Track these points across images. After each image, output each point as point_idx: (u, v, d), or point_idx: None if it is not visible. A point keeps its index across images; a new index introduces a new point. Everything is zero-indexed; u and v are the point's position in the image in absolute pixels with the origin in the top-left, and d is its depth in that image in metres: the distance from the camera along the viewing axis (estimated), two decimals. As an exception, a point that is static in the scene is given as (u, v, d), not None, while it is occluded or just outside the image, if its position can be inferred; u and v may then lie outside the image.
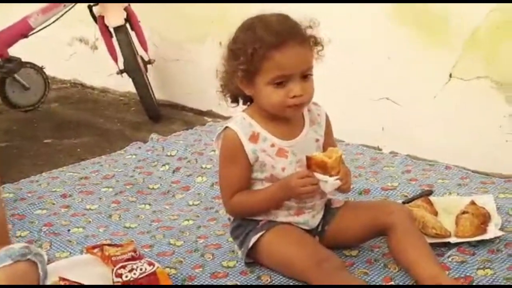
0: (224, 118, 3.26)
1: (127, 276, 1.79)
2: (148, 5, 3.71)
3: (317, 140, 1.92)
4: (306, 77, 1.79)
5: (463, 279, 1.79)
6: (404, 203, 2.18)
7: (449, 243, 1.95)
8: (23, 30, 3.59)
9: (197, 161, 2.76)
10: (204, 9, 3.48)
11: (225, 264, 1.96)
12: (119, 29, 3.49)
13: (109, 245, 1.95)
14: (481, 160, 2.61)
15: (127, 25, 3.53)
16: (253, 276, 1.88)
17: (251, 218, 1.91)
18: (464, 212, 2.03)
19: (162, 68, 3.82)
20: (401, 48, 2.81)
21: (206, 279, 1.89)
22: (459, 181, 2.43)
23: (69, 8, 3.62)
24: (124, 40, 3.51)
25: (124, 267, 1.81)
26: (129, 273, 1.79)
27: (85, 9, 3.58)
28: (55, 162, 3.03)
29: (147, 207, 2.43)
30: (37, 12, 3.59)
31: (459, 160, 2.63)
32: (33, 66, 3.73)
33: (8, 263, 1.55)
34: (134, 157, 2.91)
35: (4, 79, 3.64)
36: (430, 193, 2.28)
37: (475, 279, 1.79)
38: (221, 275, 1.91)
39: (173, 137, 3.09)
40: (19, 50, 3.65)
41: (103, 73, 4.07)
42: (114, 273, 1.80)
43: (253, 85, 1.81)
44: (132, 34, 3.57)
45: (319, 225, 1.95)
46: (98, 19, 3.56)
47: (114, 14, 3.48)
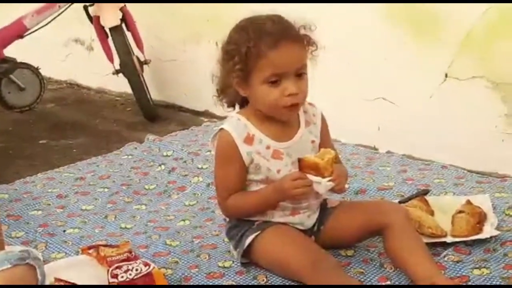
0: (220, 119, 3.25)
1: (122, 277, 1.79)
2: (144, 5, 3.70)
3: (312, 142, 1.91)
4: (300, 75, 1.78)
5: (459, 278, 1.79)
6: (400, 202, 2.18)
7: (445, 243, 1.95)
8: (18, 31, 3.58)
9: (193, 162, 2.76)
10: (201, 9, 3.48)
11: (221, 264, 1.96)
12: (115, 29, 3.49)
13: (104, 245, 1.95)
14: (477, 160, 2.61)
15: (123, 25, 3.52)
16: (249, 276, 1.88)
17: (247, 218, 1.90)
18: (460, 212, 2.03)
19: (158, 68, 3.81)
20: (396, 48, 2.81)
21: (202, 279, 1.89)
22: (455, 180, 2.43)
23: (64, 9, 3.61)
24: (120, 40, 3.50)
25: (119, 267, 1.81)
26: (124, 274, 1.79)
27: (80, 9, 3.57)
28: (51, 162, 3.02)
29: (143, 207, 2.43)
30: (32, 13, 3.58)
31: (455, 160, 2.63)
32: (28, 66, 3.72)
33: (6, 267, 1.54)
34: (130, 157, 2.90)
35: (-1, 79, 3.63)
36: (426, 192, 2.28)
37: (471, 278, 1.79)
38: (217, 275, 1.90)
39: (169, 138, 3.09)
40: (15, 50, 3.64)
41: (99, 73, 4.07)
42: (109, 273, 1.80)
43: (248, 85, 1.81)
44: (128, 34, 3.56)
45: (314, 225, 1.94)
46: (94, 20, 3.54)
47: (110, 14, 3.48)
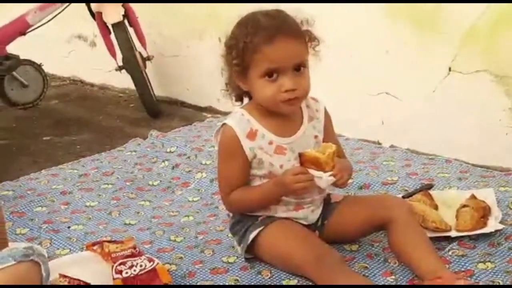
0: (223, 114, 3.25)
1: (127, 273, 1.79)
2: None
3: (316, 137, 1.91)
4: (299, 71, 1.78)
5: (463, 272, 1.79)
6: (404, 197, 2.17)
7: (449, 237, 1.95)
8: (21, 28, 3.59)
9: (197, 157, 2.76)
10: (203, 4, 3.47)
11: (225, 259, 1.96)
12: (117, 26, 3.48)
13: (109, 241, 1.95)
14: (481, 154, 2.61)
15: (125, 22, 3.52)
16: (253, 271, 1.88)
17: (250, 213, 1.90)
18: (464, 206, 2.03)
19: (161, 64, 3.81)
20: (399, 42, 2.80)
21: (206, 274, 1.89)
22: (459, 174, 2.42)
23: (67, 5, 3.61)
24: (122, 36, 3.50)
25: (124, 263, 1.81)
26: (129, 270, 1.80)
27: (83, 6, 3.57)
28: (55, 159, 3.03)
29: (147, 203, 2.43)
30: (34, 10, 3.58)
31: (459, 154, 2.63)
32: (31, 63, 3.72)
33: (11, 263, 1.54)
34: (134, 153, 2.91)
35: (2, 76, 3.64)
36: (430, 187, 2.28)
37: (475, 272, 1.79)
38: (221, 270, 1.90)
39: (172, 134, 3.09)
40: (18, 47, 3.65)
41: (102, 70, 4.07)
42: (114, 269, 1.80)
43: (247, 80, 1.81)
44: (131, 30, 3.56)
45: (318, 220, 1.94)
46: (96, 16, 3.54)
47: (112, 11, 3.47)
